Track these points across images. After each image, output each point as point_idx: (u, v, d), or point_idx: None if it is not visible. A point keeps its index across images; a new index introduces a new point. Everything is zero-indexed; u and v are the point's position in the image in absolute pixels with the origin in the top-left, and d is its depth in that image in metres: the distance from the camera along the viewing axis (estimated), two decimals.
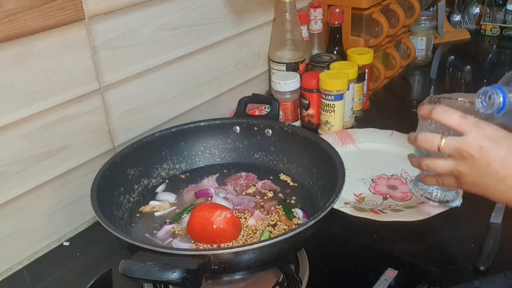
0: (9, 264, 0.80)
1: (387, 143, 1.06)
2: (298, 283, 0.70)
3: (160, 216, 0.79)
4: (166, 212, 0.80)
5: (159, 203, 0.82)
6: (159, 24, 0.91)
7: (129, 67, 0.89)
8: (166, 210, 0.80)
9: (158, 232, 0.75)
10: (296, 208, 0.79)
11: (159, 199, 0.83)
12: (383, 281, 0.71)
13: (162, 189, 0.85)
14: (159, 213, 0.79)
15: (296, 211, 0.79)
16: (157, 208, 0.80)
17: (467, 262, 0.76)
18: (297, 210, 0.79)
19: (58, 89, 0.78)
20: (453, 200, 0.80)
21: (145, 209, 0.80)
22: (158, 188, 0.86)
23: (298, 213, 0.78)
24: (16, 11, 0.69)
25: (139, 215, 0.80)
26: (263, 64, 1.22)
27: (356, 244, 0.82)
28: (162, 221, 0.78)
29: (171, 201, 0.83)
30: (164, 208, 0.81)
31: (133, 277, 0.56)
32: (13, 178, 0.76)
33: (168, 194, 0.84)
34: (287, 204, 0.81)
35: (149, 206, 0.81)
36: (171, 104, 1.00)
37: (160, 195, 0.84)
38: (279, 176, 0.88)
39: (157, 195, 0.84)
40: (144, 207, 0.81)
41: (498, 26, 1.67)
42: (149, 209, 0.80)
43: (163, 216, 0.79)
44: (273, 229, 0.74)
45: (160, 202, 0.82)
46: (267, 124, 0.90)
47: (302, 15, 1.18)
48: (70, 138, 0.82)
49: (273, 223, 0.76)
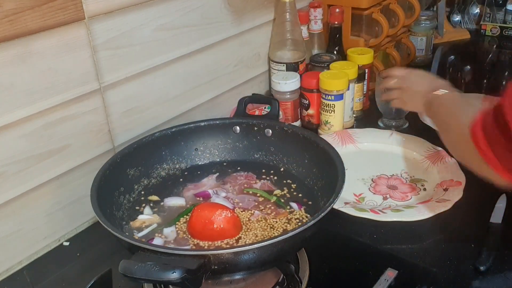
0: (9, 264, 0.80)
1: (387, 143, 1.06)
2: (298, 283, 0.70)
3: (150, 231, 0.76)
4: (155, 227, 0.76)
5: (149, 217, 0.78)
6: (159, 24, 0.91)
7: (129, 67, 0.89)
8: (154, 225, 0.77)
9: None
10: (290, 201, 0.80)
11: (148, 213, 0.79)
12: (383, 281, 0.71)
13: (148, 212, 0.80)
14: (147, 229, 0.75)
15: (290, 204, 0.80)
16: (147, 222, 0.77)
17: (467, 262, 0.76)
18: (291, 203, 0.80)
19: (58, 89, 0.78)
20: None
21: (134, 224, 0.76)
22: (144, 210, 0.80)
23: (292, 206, 0.79)
24: (16, 11, 0.69)
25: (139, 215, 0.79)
26: (263, 64, 1.22)
27: (356, 244, 0.82)
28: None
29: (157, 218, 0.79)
30: (154, 222, 0.77)
31: (133, 277, 0.56)
32: (13, 178, 0.76)
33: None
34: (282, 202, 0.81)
35: (138, 221, 0.77)
36: (171, 104, 1.00)
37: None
38: (279, 176, 0.87)
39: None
40: (133, 222, 0.77)
41: (498, 26, 1.67)
42: (138, 224, 0.76)
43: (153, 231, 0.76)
44: (272, 229, 0.74)
45: (150, 216, 0.78)
46: (267, 124, 0.90)
47: (302, 15, 1.18)
48: (70, 138, 0.82)
49: (273, 223, 0.76)
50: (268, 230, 0.74)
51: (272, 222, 0.76)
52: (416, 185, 0.94)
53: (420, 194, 0.91)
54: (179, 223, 0.76)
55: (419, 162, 1.00)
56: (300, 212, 0.78)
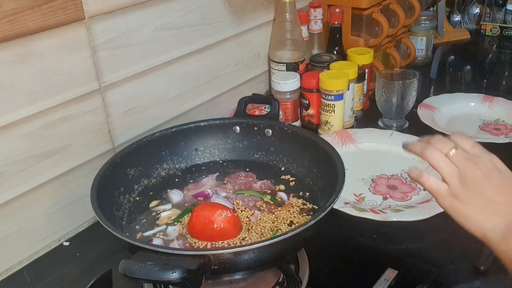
0: (9, 264, 0.80)
1: (387, 143, 1.06)
2: (298, 283, 0.70)
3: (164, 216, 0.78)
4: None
5: (170, 212, 0.79)
6: (159, 24, 0.91)
7: (129, 67, 0.89)
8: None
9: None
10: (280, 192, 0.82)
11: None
12: (383, 281, 0.71)
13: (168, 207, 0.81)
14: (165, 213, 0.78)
15: (279, 194, 0.81)
16: (172, 216, 0.78)
17: (467, 262, 0.76)
18: (280, 193, 0.81)
19: (58, 89, 0.78)
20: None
21: (161, 221, 0.77)
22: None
23: (281, 196, 0.81)
24: (16, 11, 0.69)
25: (139, 215, 0.79)
26: (263, 64, 1.22)
27: (356, 244, 0.82)
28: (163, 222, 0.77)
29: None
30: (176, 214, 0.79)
31: (133, 277, 0.55)
32: (13, 178, 0.76)
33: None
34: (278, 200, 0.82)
35: (165, 217, 0.78)
36: (171, 104, 1.00)
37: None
38: (279, 176, 0.87)
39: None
40: (159, 221, 0.78)
41: (498, 26, 1.67)
42: (165, 221, 0.77)
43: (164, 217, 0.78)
44: (274, 226, 0.74)
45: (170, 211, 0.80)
46: (267, 124, 0.90)
47: (302, 15, 1.18)
48: (70, 138, 0.82)
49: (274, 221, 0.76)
50: (270, 225, 0.74)
51: (272, 218, 0.76)
52: (416, 185, 0.94)
53: (420, 194, 0.91)
54: (181, 221, 0.76)
55: (419, 162, 1.00)
56: (291, 202, 0.80)
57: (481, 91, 1.27)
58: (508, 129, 1.11)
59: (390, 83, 1.11)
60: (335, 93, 1.06)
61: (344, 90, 1.07)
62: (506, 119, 1.15)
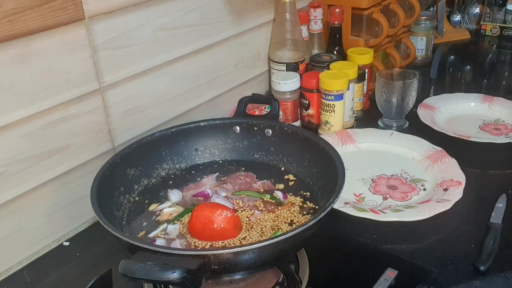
0: (9, 264, 0.80)
1: (387, 143, 1.06)
2: (298, 283, 0.70)
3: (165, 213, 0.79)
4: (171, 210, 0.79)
5: (173, 209, 0.80)
6: (159, 24, 0.91)
7: (129, 67, 0.89)
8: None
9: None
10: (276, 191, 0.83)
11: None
12: (383, 281, 0.71)
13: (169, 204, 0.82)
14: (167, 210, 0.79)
15: (276, 192, 0.82)
16: (174, 214, 0.79)
17: (467, 262, 0.76)
18: (277, 192, 0.82)
19: (58, 89, 0.78)
20: None
21: (162, 218, 0.78)
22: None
23: (277, 194, 0.81)
24: (16, 11, 0.69)
25: (139, 215, 0.80)
26: (263, 64, 1.22)
27: (356, 244, 0.82)
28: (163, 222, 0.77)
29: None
30: (178, 212, 0.79)
31: (133, 277, 0.55)
32: (13, 178, 0.76)
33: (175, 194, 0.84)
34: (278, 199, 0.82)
35: (166, 214, 0.78)
36: (171, 104, 1.00)
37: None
38: (279, 176, 0.87)
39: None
40: (161, 217, 0.78)
41: (498, 26, 1.67)
42: (166, 217, 0.78)
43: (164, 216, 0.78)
44: (274, 225, 0.74)
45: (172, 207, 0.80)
46: (267, 124, 0.90)
47: (302, 15, 1.18)
48: (70, 138, 0.82)
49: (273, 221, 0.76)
50: (271, 223, 0.74)
51: (273, 217, 0.76)
52: (416, 185, 0.94)
53: (420, 194, 0.91)
54: (182, 220, 0.77)
55: (419, 162, 1.00)
56: (289, 200, 0.80)
57: (481, 91, 1.27)
58: (508, 129, 1.11)
59: (390, 83, 1.12)
60: (335, 93, 1.06)
61: (344, 90, 1.07)
62: (506, 119, 1.15)
